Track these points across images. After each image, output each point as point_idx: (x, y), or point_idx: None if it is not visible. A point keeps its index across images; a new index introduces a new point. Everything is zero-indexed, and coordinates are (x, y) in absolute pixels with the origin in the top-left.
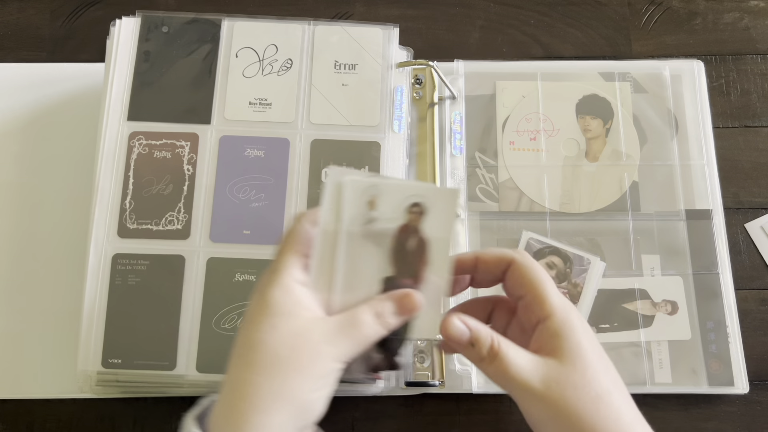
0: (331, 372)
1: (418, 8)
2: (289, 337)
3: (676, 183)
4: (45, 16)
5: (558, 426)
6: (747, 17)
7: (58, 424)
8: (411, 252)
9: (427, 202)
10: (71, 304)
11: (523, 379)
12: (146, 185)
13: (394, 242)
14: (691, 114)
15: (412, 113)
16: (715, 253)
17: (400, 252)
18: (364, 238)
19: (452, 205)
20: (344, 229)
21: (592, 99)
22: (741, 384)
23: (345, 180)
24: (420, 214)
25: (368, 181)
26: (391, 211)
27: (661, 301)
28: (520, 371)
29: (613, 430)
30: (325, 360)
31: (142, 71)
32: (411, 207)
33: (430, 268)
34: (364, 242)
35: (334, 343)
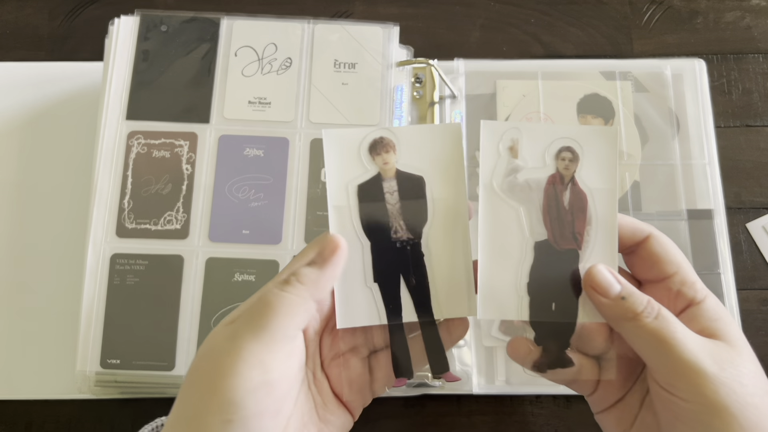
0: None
1: (418, 7)
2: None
3: (677, 183)
4: (43, 15)
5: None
6: (748, 16)
7: (57, 425)
8: (567, 208)
9: (579, 146)
10: (69, 304)
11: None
12: (145, 185)
13: (545, 197)
14: (693, 113)
15: (412, 112)
16: (717, 253)
17: (553, 208)
18: (507, 193)
19: (611, 148)
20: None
21: (593, 98)
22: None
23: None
24: (572, 161)
25: (507, 124)
26: (538, 159)
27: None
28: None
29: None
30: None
31: (140, 70)
32: (561, 152)
33: (594, 228)
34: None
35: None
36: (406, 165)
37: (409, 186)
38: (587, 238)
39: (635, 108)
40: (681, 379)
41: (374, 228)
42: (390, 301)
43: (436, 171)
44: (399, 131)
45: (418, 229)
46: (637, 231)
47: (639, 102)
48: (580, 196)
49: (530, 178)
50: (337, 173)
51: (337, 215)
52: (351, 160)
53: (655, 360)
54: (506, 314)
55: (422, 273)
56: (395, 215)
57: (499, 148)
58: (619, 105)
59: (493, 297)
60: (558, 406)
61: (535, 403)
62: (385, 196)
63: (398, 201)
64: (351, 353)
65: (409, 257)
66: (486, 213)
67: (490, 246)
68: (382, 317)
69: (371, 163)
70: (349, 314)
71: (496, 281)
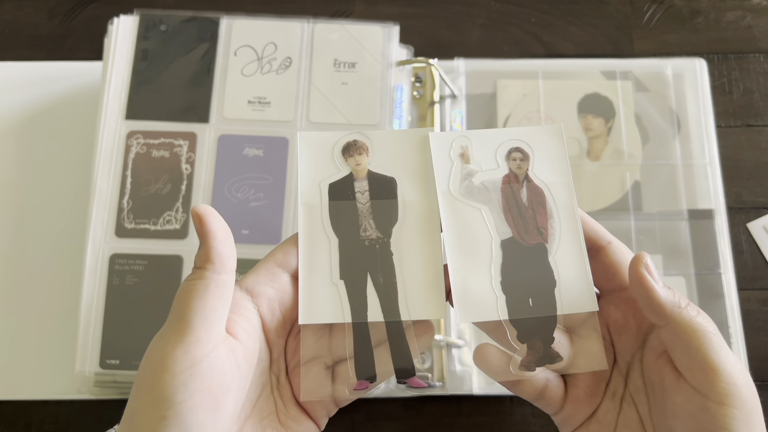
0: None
1: (418, 6)
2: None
3: (678, 182)
4: (42, 15)
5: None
6: (749, 15)
7: (56, 426)
8: (526, 205)
9: (527, 145)
10: (69, 304)
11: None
12: (144, 184)
13: (503, 196)
14: (694, 113)
15: (413, 112)
16: (718, 253)
17: (513, 206)
18: (466, 196)
19: (559, 142)
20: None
21: (594, 98)
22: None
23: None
24: (523, 159)
25: (453, 133)
26: (490, 162)
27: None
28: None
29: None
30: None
31: (140, 70)
32: (511, 153)
33: (557, 220)
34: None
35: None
36: (378, 167)
37: (380, 186)
38: (552, 231)
39: (636, 108)
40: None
41: (343, 225)
42: (355, 299)
43: (409, 174)
44: (372, 135)
45: (387, 228)
46: (598, 236)
47: (640, 101)
48: (537, 191)
49: (486, 180)
50: (310, 173)
51: (306, 212)
52: (324, 161)
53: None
54: (485, 316)
55: (390, 272)
56: (365, 214)
57: (450, 155)
58: (619, 105)
59: (469, 300)
60: None
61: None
62: (356, 195)
63: (369, 200)
64: (313, 362)
65: (378, 256)
66: (449, 218)
67: (458, 249)
68: (347, 315)
69: (344, 164)
70: (312, 311)
71: (470, 284)
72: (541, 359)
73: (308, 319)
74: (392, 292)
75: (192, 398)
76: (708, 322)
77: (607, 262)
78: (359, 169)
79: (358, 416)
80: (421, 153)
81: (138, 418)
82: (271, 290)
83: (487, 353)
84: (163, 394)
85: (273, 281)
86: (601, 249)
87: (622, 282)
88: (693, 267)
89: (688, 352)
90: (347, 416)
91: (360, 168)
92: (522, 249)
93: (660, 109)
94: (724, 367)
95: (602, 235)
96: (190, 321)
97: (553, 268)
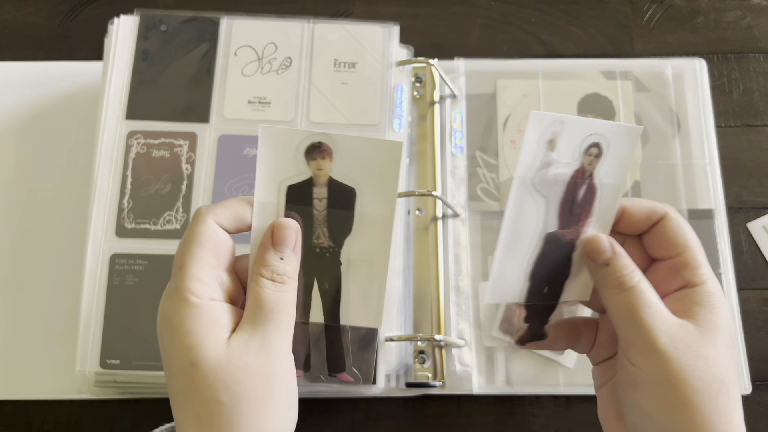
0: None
1: (418, 6)
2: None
3: (678, 182)
4: (43, 15)
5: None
6: (749, 15)
7: (56, 426)
8: (579, 202)
9: (606, 143)
10: (69, 304)
11: (651, 325)
12: (144, 184)
13: (566, 191)
14: (693, 113)
15: (413, 112)
16: (718, 253)
17: (569, 202)
18: (537, 186)
19: (632, 146)
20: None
21: (594, 98)
22: (743, 385)
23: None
24: (598, 156)
25: (553, 116)
26: (570, 153)
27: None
28: (651, 314)
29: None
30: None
31: (140, 70)
32: (589, 148)
33: (593, 221)
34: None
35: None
36: (340, 174)
37: (339, 196)
38: (585, 230)
39: (636, 107)
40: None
41: None
42: (301, 301)
43: (370, 186)
44: (339, 139)
45: (340, 238)
46: (653, 212)
47: (639, 101)
48: (592, 190)
49: (558, 172)
50: (270, 171)
51: (261, 211)
52: (285, 160)
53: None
54: (507, 299)
55: (336, 280)
56: (320, 222)
57: (540, 141)
58: (619, 104)
59: (501, 283)
60: (558, 406)
61: (535, 403)
62: (313, 202)
63: (326, 208)
64: None
65: (327, 264)
66: (514, 205)
67: (509, 236)
68: None
69: (305, 167)
70: None
71: (507, 269)
72: (532, 336)
73: None
74: (335, 299)
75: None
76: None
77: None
78: (320, 174)
79: (358, 416)
80: (387, 165)
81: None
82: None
83: None
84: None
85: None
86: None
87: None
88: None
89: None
90: (348, 415)
91: (321, 173)
92: (558, 243)
93: (660, 109)
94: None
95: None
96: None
97: (573, 263)
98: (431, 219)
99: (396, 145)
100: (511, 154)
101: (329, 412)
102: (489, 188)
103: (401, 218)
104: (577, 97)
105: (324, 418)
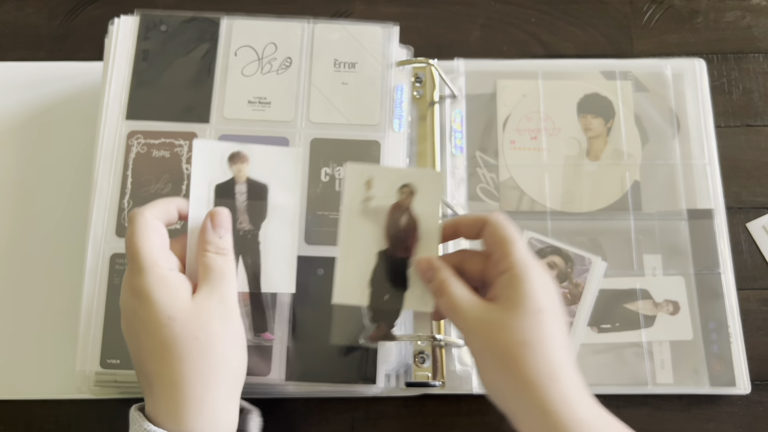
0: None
1: (418, 6)
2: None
3: (677, 182)
4: (43, 15)
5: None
6: (749, 15)
7: (57, 425)
8: (403, 228)
9: (415, 183)
10: (69, 304)
11: (462, 315)
12: (145, 184)
13: (388, 219)
14: (693, 113)
15: (413, 112)
16: (717, 253)
17: (393, 227)
18: (362, 214)
19: (438, 185)
20: (344, 206)
21: (594, 98)
22: (743, 384)
23: (347, 164)
24: (410, 194)
25: (365, 166)
26: (385, 191)
27: (662, 301)
28: (460, 307)
29: (533, 375)
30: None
31: (140, 70)
32: (402, 187)
33: (421, 243)
34: (361, 218)
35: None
36: (256, 174)
37: (255, 190)
38: (415, 251)
39: (635, 108)
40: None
41: None
42: None
43: (279, 183)
44: (252, 149)
45: (258, 223)
46: (477, 221)
47: (639, 102)
48: (413, 220)
49: (379, 204)
50: (202, 174)
51: (196, 204)
52: (214, 166)
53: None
54: (354, 301)
55: (256, 255)
56: (242, 211)
57: (358, 182)
58: (619, 105)
59: (345, 287)
60: None
61: None
62: (235, 195)
63: (245, 200)
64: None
65: (248, 243)
66: (346, 227)
67: (347, 251)
68: None
69: (229, 170)
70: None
71: (349, 276)
72: (383, 336)
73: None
74: (257, 271)
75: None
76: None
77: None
78: (240, 175)
79: (358, 415)
80: (291, 168)
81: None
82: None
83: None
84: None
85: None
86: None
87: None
88: (692, 267)
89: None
90: (347, 415)
91: (241, 174)
92: (392, 260)
93: (659, 109)
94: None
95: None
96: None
97: (408, 277)
98: None
99: (295, 152)
100: (511, 154)
101: (329, 411)
102: (489, 188)
103: None
104: (576, 97)
105: (324, 418)
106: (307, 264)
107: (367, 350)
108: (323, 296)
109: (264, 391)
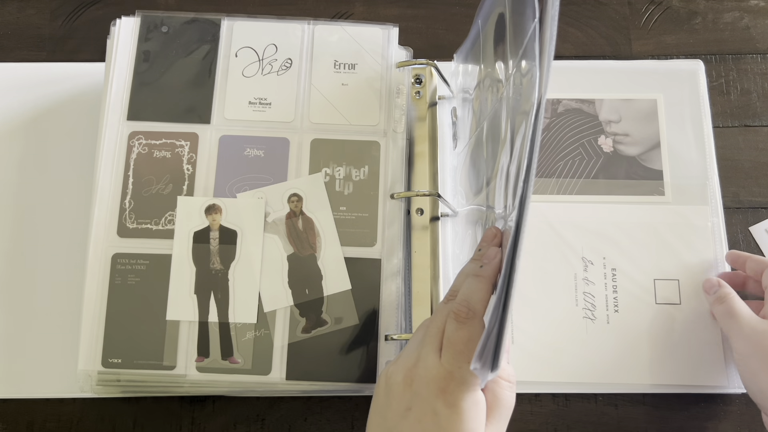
0: None
1: (417, 8)
2: None
3: None
4: (45, 16)
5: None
6: (747, 17)
7: (59, 424)
8: (302, 230)
9: (301, 191)
10: (71, 303)
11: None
12: (146, 185)
13: (287, 226)
14: (691, 113)
15: (412, 113)
16: (715, 253)
17: (293, 232)
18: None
19: (320, 186)
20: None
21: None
22: (742, 384)
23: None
24: (298, 201)
25: (256, 192)
26: (279, 204)
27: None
28: (738, 315)
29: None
30: None
31: (141, 71)
32: (291, 197)
33: (322, 237)
34: (265, 234)
35: None
36: (228, 222)
37: (226, 236)
38: (319, 245)
39: None
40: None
41: (200, 259)
42: (202, 307)
43: (247, 229)
44: (225, 202)
45: (228, 263)
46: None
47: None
48: (309, 220)
49: (276, 217)
50: (184, 223)
51: (179, 248)
52: (193, 216)
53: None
54: (280, 305)
55: (225, 292)
56: (215, 253)
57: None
58: None
59: (271, 296)
60: (557, 404)
61: (534, 401)
62: (210, 240)
63: (218, 245)
64: None
65: (219, 280)
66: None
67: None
68: (196, 316)
69: (205, 219)
70: (175, 311)
71: (270, 285)
72: (314, 325)
73: (172, 316)
74: (225, 305)
75: None
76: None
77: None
78: (214, 223)
79: (358, 414)
80: (256, 218)
81: None
82: None
83: None
84: None
85: None
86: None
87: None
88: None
89: None
90: (347, 414)
91: (215, 223)
92: (300, 259)
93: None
94: None
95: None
96: None
97: (320, 267)
98: (431, 219)
99: (259, 203)
100: None
101: (329, 410)
102: None
103: (401, 218)
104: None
105: (324, 417)
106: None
107: (367, 349)
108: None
109: (264, 390)
